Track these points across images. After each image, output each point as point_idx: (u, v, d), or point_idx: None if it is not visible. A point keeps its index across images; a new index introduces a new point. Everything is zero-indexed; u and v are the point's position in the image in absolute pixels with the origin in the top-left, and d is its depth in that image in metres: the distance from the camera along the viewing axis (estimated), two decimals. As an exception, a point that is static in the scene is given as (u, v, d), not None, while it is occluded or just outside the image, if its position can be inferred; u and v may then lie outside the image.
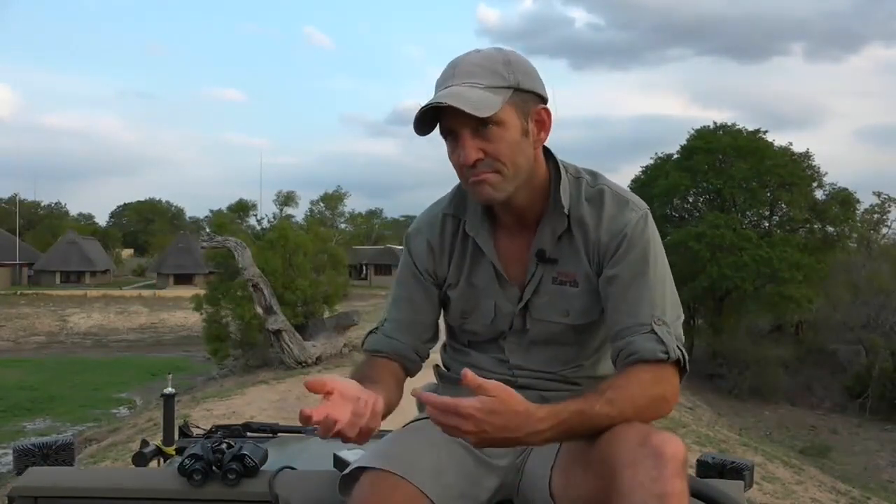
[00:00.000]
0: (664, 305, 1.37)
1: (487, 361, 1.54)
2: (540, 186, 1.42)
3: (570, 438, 1.23)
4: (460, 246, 1.51)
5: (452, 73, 1.35)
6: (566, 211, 1.42)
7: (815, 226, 26.23)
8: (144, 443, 1.87)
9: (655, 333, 1.33)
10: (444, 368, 1.64)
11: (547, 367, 1.51)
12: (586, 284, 1.44)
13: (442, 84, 1.35)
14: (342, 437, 1.21)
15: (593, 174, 1.48)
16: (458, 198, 1.52)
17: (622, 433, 1.19)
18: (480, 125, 1.32)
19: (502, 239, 1.48)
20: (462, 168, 1.37)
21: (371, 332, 1.57)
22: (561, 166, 1.44)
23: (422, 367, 1.59)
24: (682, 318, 1.40)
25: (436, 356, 1.67)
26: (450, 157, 1.39)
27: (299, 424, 1.26)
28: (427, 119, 1.36)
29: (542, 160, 1.43)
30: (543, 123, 1.41)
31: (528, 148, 1.38)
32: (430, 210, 1.57)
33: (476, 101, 1.30)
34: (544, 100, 1.40)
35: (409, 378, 1.57)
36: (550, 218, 1.44)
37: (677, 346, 1.33)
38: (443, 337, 1.68)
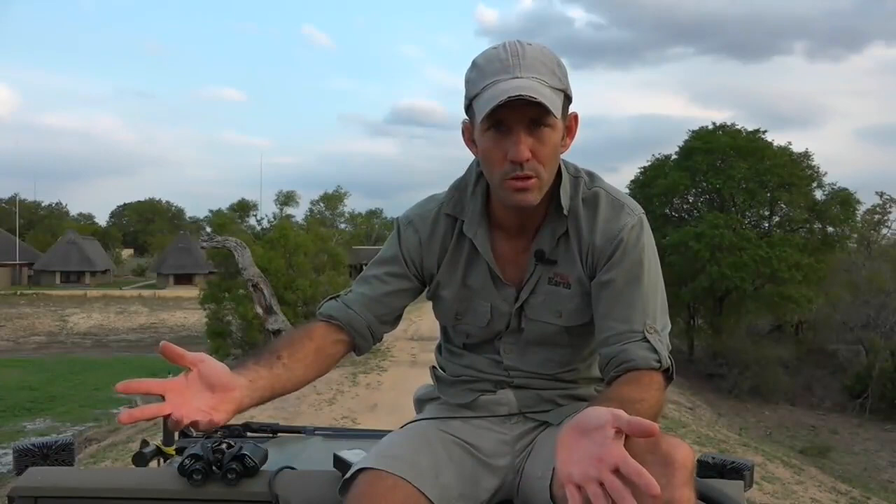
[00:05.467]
0: (655, 313, 1.36)
1: (482, 363, 1.54)
2: (548, 189, 1.41)
3: None
4: (455, 246, 1.49)
5: (517, 63, 1.29)
6: (565, 212, 1.41)
7: (815, 226, 26.20)
8: (144, 443, 1.86)
9: (648, 342, 1.32)
10: (440, 370, 1.63)
11: (542, 368, 1.51)
12: (578, 287, 1.43)
13: (503, 71, 1.28)
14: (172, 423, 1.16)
15: (591, 175, 1.47)
16: (457, 198, 1.49)
17: (629, 438, 1.18)
18: (534, 124, 1.29)
19: (499, 240, 1.47)
20: (505, 164, 1.31)
21: (331, 297, 1.53)
22: (562, 166, 1.43)
23: (371, 347, 1.54)
24: (670, 327, 1.40)
25: (431, 357, 1.67)
26: (489, 149, 1.33)
27: (299, 424, 1.26)
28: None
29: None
30: (571, 130, 1.40)
31: (560, 154, 1.38)
32: (425, 204, 1.53)
33: (550, 98, 1.27)
34: (570, 104, 1.39)
35: (406, 376, 1.56)
36: (552, 219, 1.43)
37: (668, 355, 1.33)
38: (437, 338, 1.67)
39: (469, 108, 1.37)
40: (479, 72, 1.33)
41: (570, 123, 1.39)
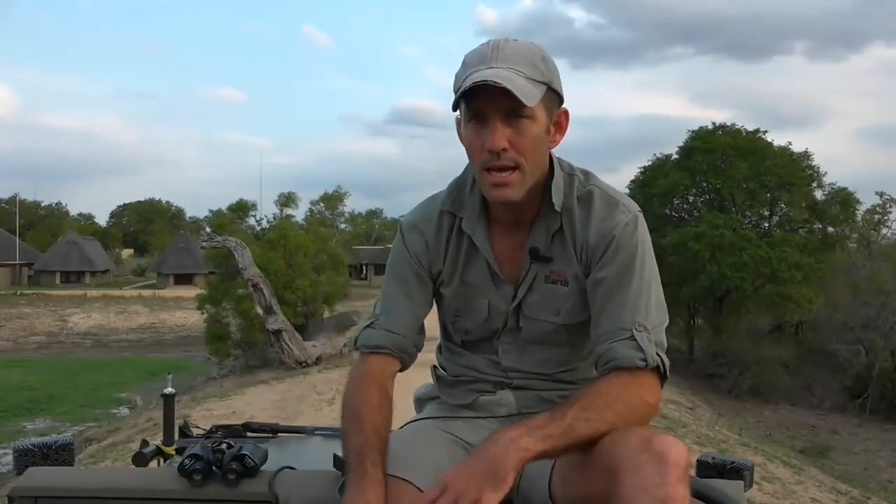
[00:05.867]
0: (647, 311, 1.35)
1: (481, 363, 1.54)
2: (539, 185, 1.41)
3: (558, 450, 1.20)
4: (455, 243, 1.50)
5: (495, 56, 1.31)
6: (558, 209, 1.42)
7: (815, 226, 26.21)
8: (144, 443, 1.86)
9: (635, 340, 1.32)
10: (441, 370, 1.63)
11: (541, 368, 1.51)
12: (575, 284, 1.43)
13: (481, 63, 1.31)
14: None
15: (586, 173, 1.47)
16: (455, 195, 1.50)
17: (624, 436, 1.18)
18: (513, 115, 1.30)
19: (498, 237, 1.47)
20: (483, 154, 1.33)
21: (367, 326, 1.52)
22: (556, 164, 1.43)
23: (416, 359, 1.56)
24: (667, 322, 1.39)
25: (431, 357, 1.67)
26: (470, 140, 1.35)
27: (299, 424, 1.26)
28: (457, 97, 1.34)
29: (547, 160, 1.42)
30: (561, 126, 1.41)
31: (546, 148, 1.38)
32: (426, 205, 1.54)
33: (522, 87, 1.28)
34: (562, 101, 1.40)
35: (406, 375, 1.56)
36: (545, 216, 1.43)
37: (657, 353, 1.32)
38: (438, 338, 1.67)
39: (457, 102, 1.38)
40: (463, 66, 1.36)
41: (560, 119, 1.40)
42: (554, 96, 1.37)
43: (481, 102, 1.30)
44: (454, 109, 1.40)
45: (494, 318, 1.50)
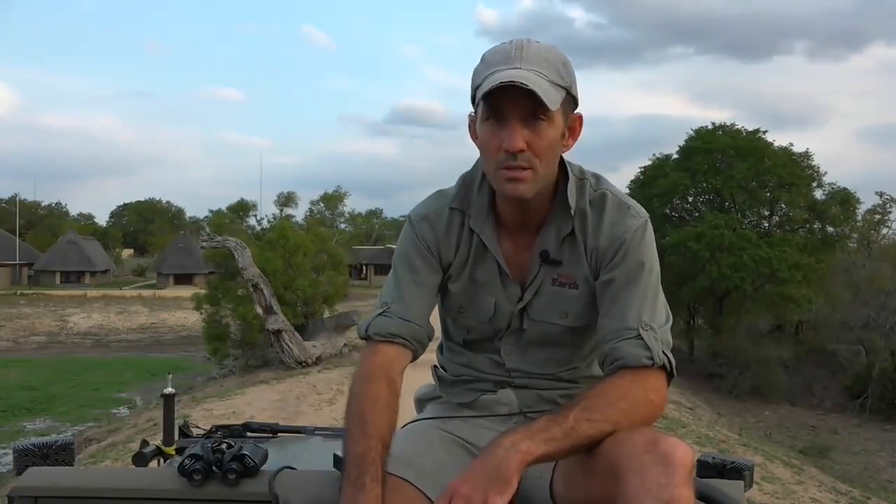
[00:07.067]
0: (654, 311, 1.37)
1: (483, 362, 1.54)
2: (548, 188, 1.41)
3: (562, 452, 1.20)
4: (467, 240, 1.50)
5: (519, 56, 1.31)
6: (572, 213, 1.42)
7: (815, 226, 26.23)
8: (144, 443, 1.87)
9: (642, 339, 1.32)
10: (441, 370, 1.63)
11: (543, 368, 1.51)
12: (585, 287, 1.44)
13: (505, 62, 1.31)
14: None
15: (596, 177, 1.47)
16: (464, 193, 1.50)
17: (628, 437, 1.18)
18: (532, 117, 1.31)
19: (505, 237, 1.48)
20: (500, 153, 1.32)
21: (379, 314, 1.46)
22: (567, 167, 1.44)
23: (426, 349, 1.52)
24: (671, 322, 1.40)
25: (431, 357, 1.67)
26: (486, 139, 1.35)
27: (299, 424, 1.26)
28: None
29: (558, 164, 1.43)
30: (574, 131, 1.41)
31: (559, 152, 1.39)
32: (436, 201, 1.53)
33: (546, 91, 1.28)
34: (577, 106, 1.40)
35: (412, 381, 1.55)
36: (555, 219, 1.44)
37: (663, 352, 1.32)
38: (439, 337, 1.67)
39: (475, 99, 1.38)
40: (484, 64, 1.35)
41: (574, 124, 1.40)
42: (571, 101, 1.37)
43: (502, 102, 1.30)
44: (474, 105, 1.40)
45: (499, 317, 1.50)
